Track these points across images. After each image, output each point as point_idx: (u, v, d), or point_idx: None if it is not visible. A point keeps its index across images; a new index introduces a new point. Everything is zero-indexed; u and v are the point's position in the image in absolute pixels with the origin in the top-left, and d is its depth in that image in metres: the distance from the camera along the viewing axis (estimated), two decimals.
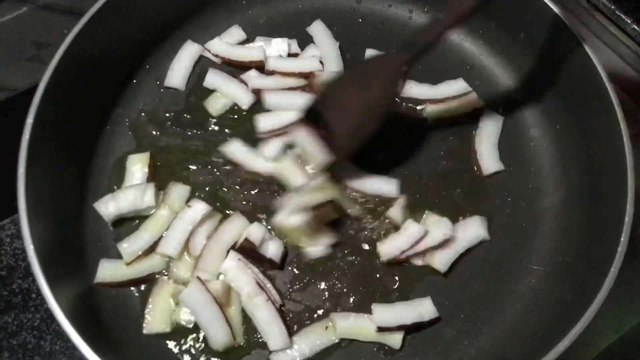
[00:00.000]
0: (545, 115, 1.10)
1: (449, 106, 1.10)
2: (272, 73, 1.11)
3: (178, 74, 1.13)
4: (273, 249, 0.94)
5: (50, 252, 0.86)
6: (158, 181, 1.02)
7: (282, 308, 0.93)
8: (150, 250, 0.95)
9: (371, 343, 0.91)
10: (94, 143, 1.05)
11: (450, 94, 1.11)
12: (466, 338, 0.93)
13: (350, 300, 0.95)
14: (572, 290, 0.91)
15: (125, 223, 0.99)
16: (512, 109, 1.12)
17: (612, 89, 0.94)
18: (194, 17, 1.17)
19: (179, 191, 1.00)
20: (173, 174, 1.04)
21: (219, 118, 1.09)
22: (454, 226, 0.98)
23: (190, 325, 0.91)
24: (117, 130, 1.07)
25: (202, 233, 0.95)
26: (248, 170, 1.04)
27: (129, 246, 0.94)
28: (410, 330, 0.91)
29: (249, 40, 1.18)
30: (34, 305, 1.00)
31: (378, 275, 0.97)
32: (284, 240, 0.97)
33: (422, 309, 0.92)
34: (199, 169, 1.05)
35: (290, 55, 1.15)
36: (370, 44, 1.17)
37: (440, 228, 0.96)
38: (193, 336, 0.91)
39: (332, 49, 1.15)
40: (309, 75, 1.12)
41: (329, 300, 0.95)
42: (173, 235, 0.94)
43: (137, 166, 1.02)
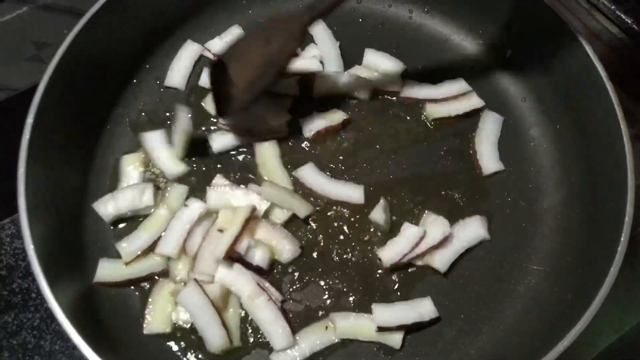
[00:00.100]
0: (545, 115, 1.10)
1: (449, 106, 1.10)
2: None
3: (178, 73, 1.13)
4: (259, 256, 0.94)
5: (50, 252, 0.86)
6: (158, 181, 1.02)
7: (283, 307, 0.93)
8: (149, 250, 0.95)
9: (371, 343, 0.91)
10: (94, 143, 1.05)
11: (450, 93, 1.11)
12: (466, 338, 0.93)
13: (350, 300, 0.95)
14: (572, 290, 0.91)
15: (124, 223, 0.99)
16: (512, 109, 1.12)
17: (612, 88, 0.94)
18: (194, 17, 1.17)
19: (177, 191, 1.00)
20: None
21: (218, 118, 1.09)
22: (453, 226, 0.98)
23: (189, 326, 0.91)
24: (117, 130, 1.07)
25: (199, 233, 0.95)
26: None
27: (128, 246, 0.94)
28: (411, 330, 0.92)
29: None
30: (33, 305, 1.00)
31: (378, 275, 0.97)
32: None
33: (422, 309, 0.92)
34: (199, 169, 1.05)
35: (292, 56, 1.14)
36: (371, 44, 1.17)
37: (438, 227, 0.96)
38: (193, 336, 0.91)
39: (333, 49, 1.15)
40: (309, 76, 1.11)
41: (329, 300, 0.95)
42: (171, 235, 0.94)
43: (132, 166, 1.02)
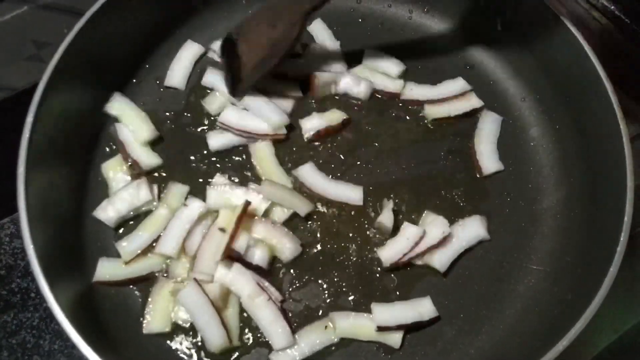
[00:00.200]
0: (545, 115, 1.10)
1: (448, 107, 1.10)
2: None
3: (178, 73, 1.13)
4: (259, 256, 0.94)
5: (50, 251, 0.86)
6: (158, 181, 1.02)
7: (283, 306, 0.93)
8: (149, 250, 0.94)
9: (371, 342, 0.91)
10: (94, 142, 1.05)
11: (449, 93, 1.11)
12: (466, 337, 0.93)
13: (350, 299, 0.95)
14: (572, 290, 0.91)
15: (124, 222, 0.99)
16: (512, 109, 1.13)
17: (612, 88, 0.95)
18: (194, 17, 1.17)
19: (177, 190, 1.00)
20: (172, 173, 1.04)
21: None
22: (453, 226, 0.98)
23: (189, 325, 0.91)
24: (112, 130, 1.07)
25: (198, 232, 0.94)
26: None
27: (128, 245, 0.94)
28: (410, 329, 0.92)
29: None
30: (33, 305, 0.99)
31: (378, 275, 0.97)
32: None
33: (422, 309, 0.92)
34: (198, 168, 1.05)
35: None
36: (370, 44, 1.17)
37: (438, 227, 0.96)
38: (193, 336, 0.91)
39: (333, 48, 1.15)
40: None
41: (329, 299, 0.95)
42: (171, 235, 0.94)
43: (115, 171, 1.02)
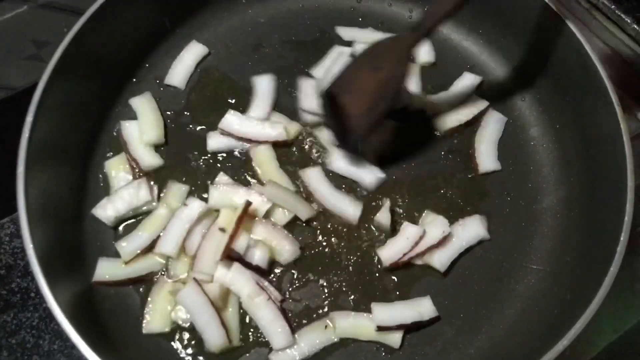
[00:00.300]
0: (545, 114, 1.10)
1: (457, 115, 1.09)
2: None
3: (179, 73, 1.13)
4: (259, 256, 0.93)
5: (49, 251, 0.86)
6: (158, 180, 1.02)
7: (282, 306, 0.93)
8: (148, 249, 0.94)
9: (371, 342, 0.91)
10: (93, 142, 1.05)
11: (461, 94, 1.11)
12: (466, 337, 0.93)
13: (350, 299, 0.95)
14: (572, 290, 0.91)
15: (124, 222, 0.99)
16: (512, 108, 1.12)
17: (612, 88, 0.94)
18: (193, 17, 1.17)
19: (177, 190, 1.00)
20: (172, 172, 1.04)
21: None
22: (453, 225, 0.97)
23: (189, 325, 0.91)
24: (117, 129, 1.07)
25: (198, 232, 0.94)
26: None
27: (128, 245, 0.94)
28: (410, 329, 0.91)
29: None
30: (32, 304, 0.99)
31: (378, 275, 0.97)
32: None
33: (422, 308, 0.92)
34: (198, 168, 1.04)
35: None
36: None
37: (438, 226, 0.95)
38: (192, 336, 0.91)
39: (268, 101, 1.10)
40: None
41: (329, 299, 0.95)
42: (171, 235, 0.93)
43: (118, 169, 1.02)
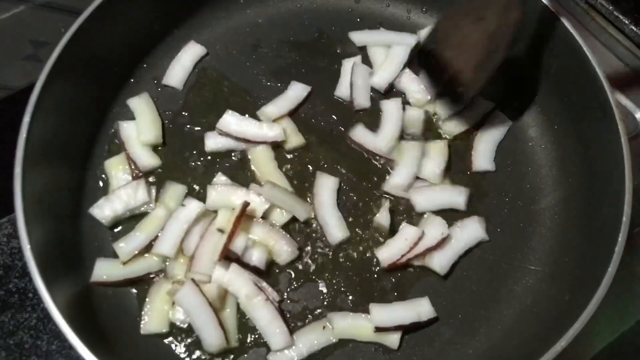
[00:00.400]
0: (543, 115, 1.10)
1: (464, 119, 1.09)
2: None
3: (177, 73, 1.13)
4: (257, 257, 0.93)
5: (47, 252, 0.86)
6: (156, 181, 1.02)
7: (280, 306, 0.93)
8: (146, 250, 0.94)
9: (369, 343, 0.91)
10: (91, 142, 1.05)
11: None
12: (464, 338, 0.93)
13: (348, 300, 0.95)
14: (570, 291, 0.91)
15: (122, 223, 0.99)
16: (511, 109, 1.12)
17: (610, 89, 0.94)
18: (192, 17, 1.17)
19: (174, 190, 1.00)
20: (170, 173, 1.04)
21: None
22: (452, 227, 0.97)
23: (187, 326, 0.91)
24: (115, 129, 1.07)
25: (196, 232, 0.94)
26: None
27: (125, 246, 0.94)
28: (408, 330, 0.91)
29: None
30: (30, 305, 0.99)
31: (376, 275, 0.97)
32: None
33: (420, 309, 0.92)
34: (196, 168, 1.04)
35: None
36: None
37: (436, 228, 0.95)
38: (190, 336, 0.91)
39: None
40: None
41: (327, 300, 0.95)
42: (169, 235, 0.93)
43: (118, 169, 1.01)
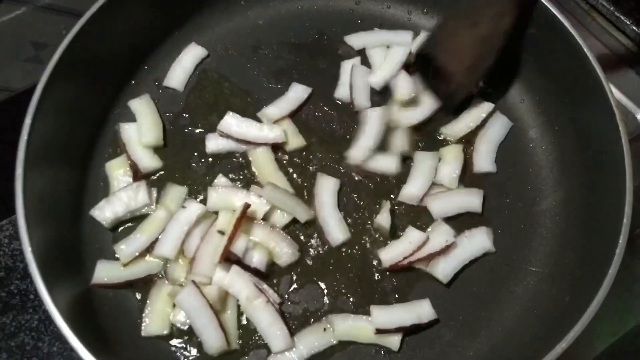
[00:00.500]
0: (544, 116, 1.10)
1: (465, 122, 1.09)
2: None
3: (178, 74, 1.13)
4: (257, 259, 0.93)
5: (48, 254, 0.86)
6: (157, 182, 1.02)
7: (281, 308, 0.93)
8: (147, 252, 0.94)
9: (370, 345, 0.91)
10: (92, 144, 1.05)
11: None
12: (464, 340, 0.93)
13: (349, 301, 0.95)
14: (571, 292, 0.91)
15: (122, 225, 0.99)
16: (511, 110, 1.12)
17: (611, 91, 0.94)
18: (192, 19, 1.17)
19: (175, 192, 1.00)
20: (171, 174, 1.04)
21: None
22: (459, 236, 0.97)
23: (187, 328, 0.91)
24: (116, 131, 1.07)
25: (197, 234, 0.94)
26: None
27: (126, 247, 0.94)
28: (409, 332, 0.91)
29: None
30: (32, 307, 0.99)
31: (376, 277, 0.97)
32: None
33: (421, 311, 0.92)
34: (197, 170, 1.04)
35: None
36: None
37: (442, 235, 0.95)
38: (191, 338, 0.91)
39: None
40: None
41: (327, 301, 0.95)
42: (169, 237, 0.93)
43: (119, 171, 1.02)
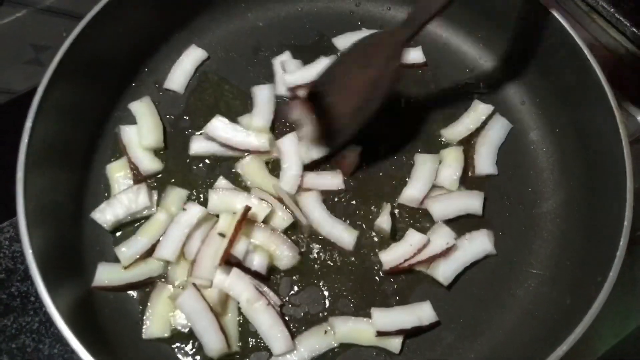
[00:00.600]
0: (544, 118, 1.10)
1: (464, 125, 1.09)
2: None
3: (179, 77, 1.13)
4: (258, 262, 0.93)
5: (49, 256, 0.86)
6: (157, 185, 1.02)
7: (282, 311, 0.93)
8: (148, 254, 0.94)
9: (370, 347, 0.91)
10: (92, 146, 1.05)
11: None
12: (465, 342, 0.93)
13: (350, 304, 0.95)
14: (572, 294, 0.91)
15: (123, 227, 0.99)
16: (512, 112, 1.12)
17: (611, 92, 0.94)
18: (192, 21, 1.17)
19: (176, 195, 1.00)
20: (171, 177, 1.04)
21: None
22: (459, 239, 0.97)
23: (188, 330, 0.91)
24: (116, 134, 1.07)
25: (198, 237, 0.94)
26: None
27: (127, 250, 0.94)
28: (410, 334, 0.91)
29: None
30: (32, 309, 0.99)
31: (377, 280, 0.96)
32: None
33: (422, 313, 0.92)
34: (198, 173, 1.04)
35: None
36: None
37: (442, 237, 0.95)
38: (192, 341, 0.91)
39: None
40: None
41: (328, 304, 0.95)
42: (170, 240, 0.93)
43: (119, 174, 1.02)
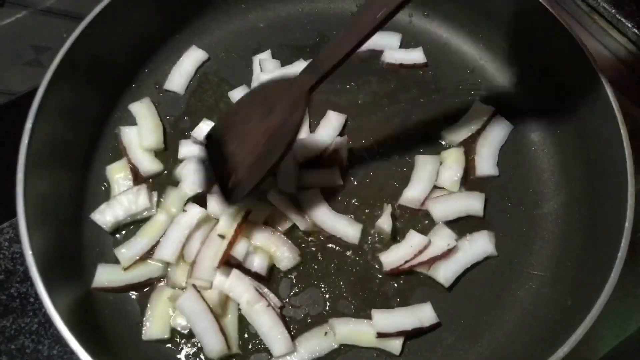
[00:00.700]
0: (545, 119, 1.10)
1: (467, 128, 1.09)
2: None
3: (179, 78, 1.13)
4: (258, 263, 0.93)
5: (49, 257, 0.86)
6: (158, 186, 1.02)
7: (282, 312, 0.93)
8: (148, 256, 0.94)
9: (371, 349, 0.91)
10: (92, 147, 1.05)
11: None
12: (466, 343, 0.93)
13: (350, 305, 0.94)
14: (573, 295, 0.90)
15: (123, 228, 0.99)
16: (513, 113, 1.12)
17: (613, 93, 0.94)
18: (192, 22, 1.17)
19: (176, 196, 1.00)
20: (171, 178, 1.03)
21: None
22: (460, 240, 0.97)
23: (188, 332, 0.91)
24: (117, 135, 1.07)
25: (197, 238, 0.94)
26: None
27: (127, 251, 0.94)
28: (410, 335, 0.91)
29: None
30: (32, 310, 0.99)
31: (378, 281, 0.96)
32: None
33: (422, 315, 0.91)
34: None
35: None
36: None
37: (443, 238, 0.95)
38: (192, 342, 0.91)
39: None
40: None
41: (329, 305, 0.94)
42: (170, 241, 0.93)
43: (119, 175, 1.01)
